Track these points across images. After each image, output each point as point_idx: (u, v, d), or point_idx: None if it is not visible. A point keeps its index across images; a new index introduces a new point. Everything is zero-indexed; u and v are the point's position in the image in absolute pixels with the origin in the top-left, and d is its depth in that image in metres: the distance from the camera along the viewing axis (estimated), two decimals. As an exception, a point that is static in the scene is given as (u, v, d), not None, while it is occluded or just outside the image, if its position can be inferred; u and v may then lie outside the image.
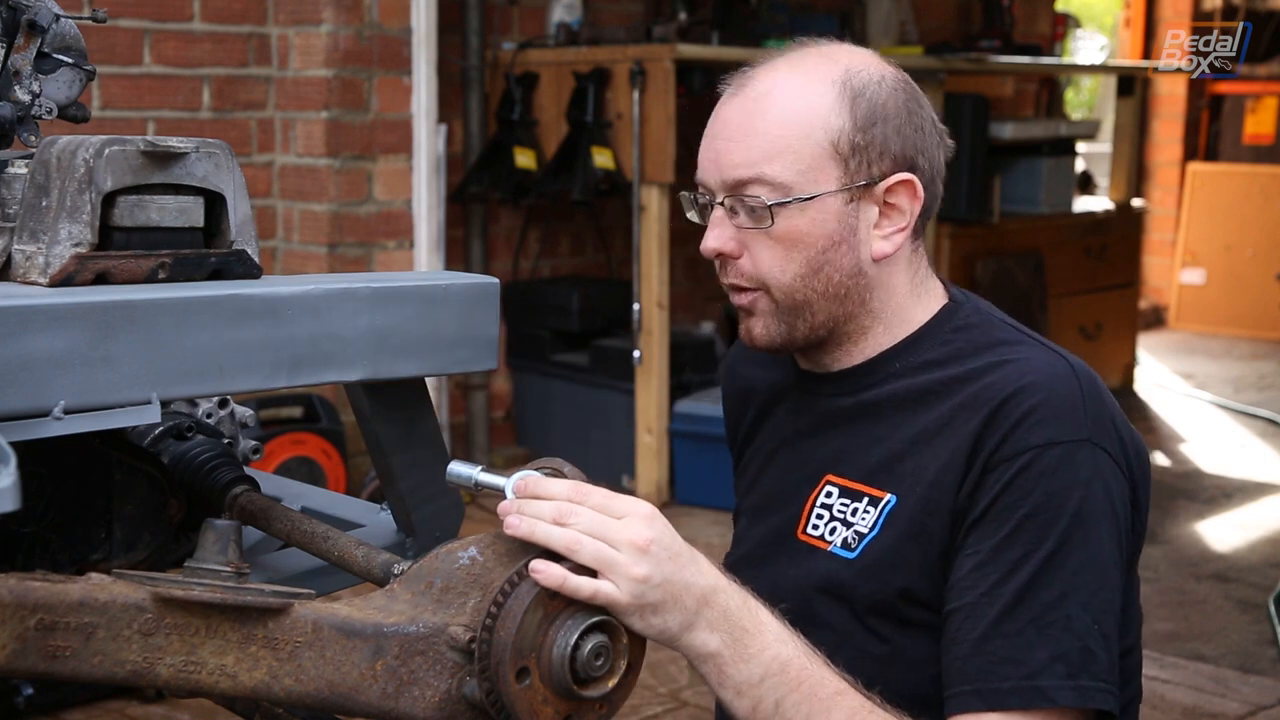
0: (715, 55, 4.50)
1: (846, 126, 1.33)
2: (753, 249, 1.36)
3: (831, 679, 1.20)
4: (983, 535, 1.26)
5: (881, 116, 1.34)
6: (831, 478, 1.39)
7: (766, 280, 1.36)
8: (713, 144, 1.38)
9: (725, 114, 1.37)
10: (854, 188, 1.34)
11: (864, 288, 1.37)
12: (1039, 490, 1.24)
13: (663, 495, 4.43)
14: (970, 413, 1.30)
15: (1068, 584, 1.23)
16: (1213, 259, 8.00)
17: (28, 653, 1.03)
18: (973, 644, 1.23)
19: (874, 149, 1.34)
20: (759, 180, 1.33)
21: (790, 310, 1.37)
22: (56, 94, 1.42)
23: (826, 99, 1.33)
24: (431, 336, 1.31)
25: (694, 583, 1.16)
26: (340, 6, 4.14)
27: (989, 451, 1.27)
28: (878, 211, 1.36)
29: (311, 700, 1.11)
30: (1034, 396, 1.28)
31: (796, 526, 1.41)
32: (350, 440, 4.11)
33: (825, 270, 1.35)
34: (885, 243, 1.36)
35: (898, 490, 1.33)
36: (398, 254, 4.36)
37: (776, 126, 1.33)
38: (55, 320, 1.08)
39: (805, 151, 1.33)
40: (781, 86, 1.35)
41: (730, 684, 1.18)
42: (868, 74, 1.35)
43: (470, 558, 1.16)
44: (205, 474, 1.45)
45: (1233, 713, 3.13)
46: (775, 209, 1.33)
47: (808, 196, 1.33)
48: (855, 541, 1.34)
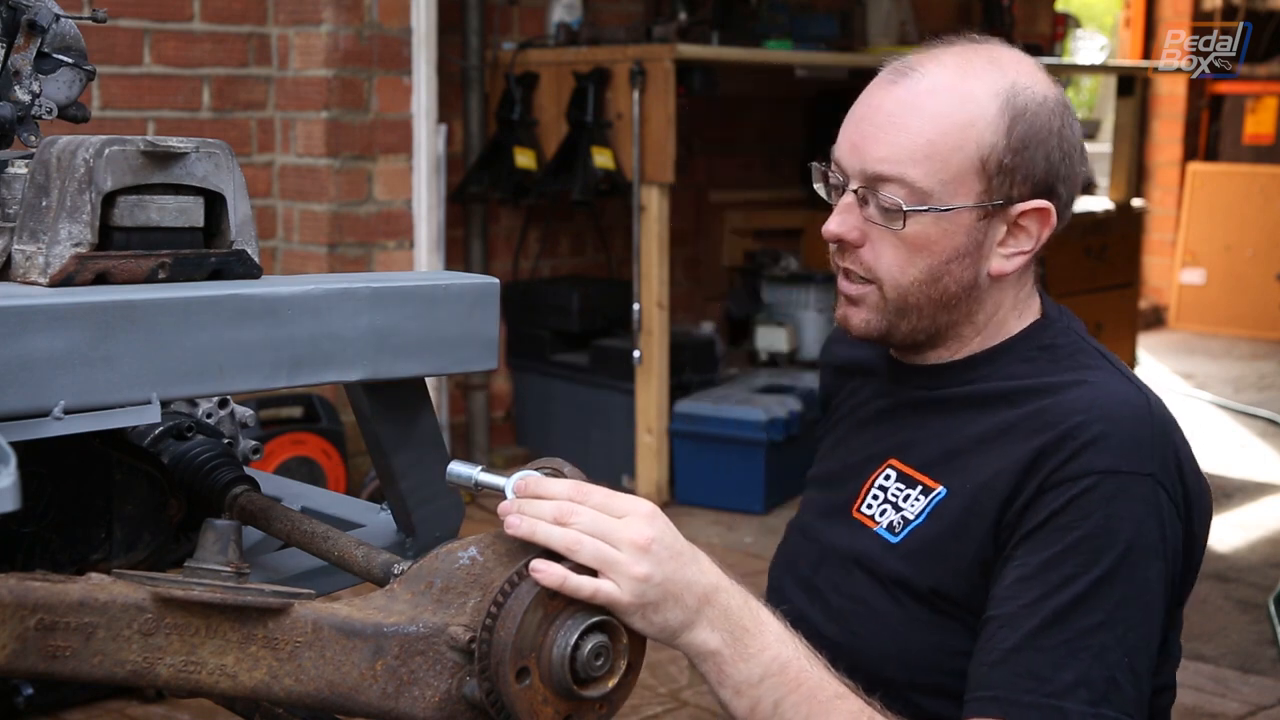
0: (715, 55, 4.50)
1: (1000, 145, 1.31)
2: (876, 243, 1.35)
3: (832, 682, 1.19)
4: (1032, 550, 1.25)
5: (1035, 141, 1.32)
6: (894, 462, 1.41)
7: (883, 278, 1.35)
8: (859, 127, 1.35)
9: (880, 100, 1.34)
10: (990, 206, 1.33)
11: (974, 300, 1.37)
12: (1096, 515, 1.23)
13: (663, 495, 4.42)
14: (1037, 427, 1.29)
15: (1108, 613, 1.22)
16: (1213, 259, 8.00)
17: (28, 653, 1.03)
18: (1003, 653, 1.23)
19: (1020, 172, 1.32)
20: (900, 180, 1.31)
21: (898, 311, 1.36)
22: (56, 94, 1.42)
23: (987, 113, 1.31)
24: (431, 336, 1.31)
25: (695, 581, 1.16)
26: (340, 6, 4.14)
27: (1050, 469, 1.26)
28: (1005, 230, 1.34)
29: (311, 700, 1.11)
30: (1104, 423, 1.26)
31: (854, 504, 1.42)
32: (350, 440, 4.11)
33: (944, 280, 1.34)
34: (1006, 262, 1.36)
35: (949, 484, 1.34)
36: (398, 254, 4.36)
37: (931, 130, 1.30)
38: (55, 320, 1.08)
39: (953, 162, 1.31)
40: (945, 88, 1.32)
41: (729, 683, 1.18)
42: (1031, 93, 1.32)
43: (470, 558, 1.16)
44: (205, 474, 1.45)
45: (1233, 713, 3.12)
46: (909, 214, 1.31)
47: (944, 208, 1.31)
48: (900, 526, 1.35)
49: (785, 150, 5.77)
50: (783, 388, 4.71)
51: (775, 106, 5.68)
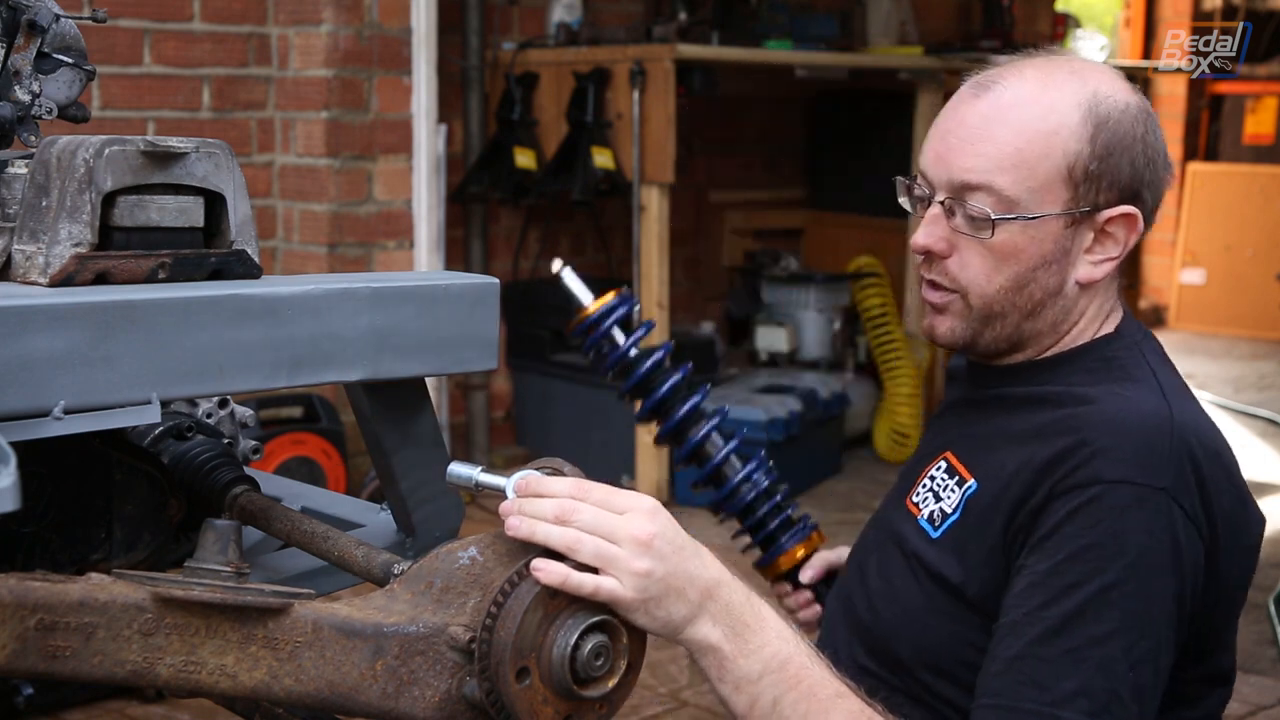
0: (715, 55, 4.50)
1: (1085, 153, 1.32)
2: (963, 253, 1.37)
3: (832, 681, 1.20)
4: (1041, 558, 1.26)
5: (1119, 147, 1.33)
6: (948, 454, 1.43)
7: (969, 287, 1.38)
8: (945, 139, 1.37)
9: (964, 113, 1.36)
10: (1078, 213, 1.34)
11: (1060, 309, 1.39)
12: (1104, 525, 1.23)
13: (663, 495, 4.42)
14: (1059, 431, 1.30)
15: (1113, 624, 1.22)
16: (1213, 259, 8.00)
17: (28, 653, 1.03)
18: (1006, 661, 1.23)
19: (1105, 179, 1.33)
20: (987, 189, 1.33)
21: (983, 319, 1.38)
22: (56, 94, 1.42)
23: (1071, 121, 1.32)
24: (431, 336, 1.31)
25: (698, 575, 1.16)
26: (340, 6, 4.14)
27: (1060, 476, 1.27)
28: (1092, 237, 1.36)
29: (311, 700, 1.11)
30: (1120, 434, 1.27)
31: (909, 493, 1.46)
32: (350, 440, 4.10)
33: (1030, 288, 1.36)
34: (1094, 269, 1.37)
35: (981, 478, 1.36)
36: (398, 254, 4.36)
37: (1017, 139, 1.32)
38: (55, 320, 1.08)
39: (1040, 170, 1.32)
40: (1029, 98, 1.33)
41: (729, 678, 1.18)
42: (1114, 101, 1.34)
43: (470, 558, 1.16)
44: (205, 474, 1.45)
45: (1233, 713, 3.12)
46: (998, 222, 1.33)
47: (1032, 216, 1.33)
48: (939, 519, 1.38)
49: (785, 150, 5.77)
50: (783, 388, 4.71)
51: (775, 106, 5.68)
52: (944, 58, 5.19)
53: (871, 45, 5.41)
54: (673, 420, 1.74)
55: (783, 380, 4.82)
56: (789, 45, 4.88)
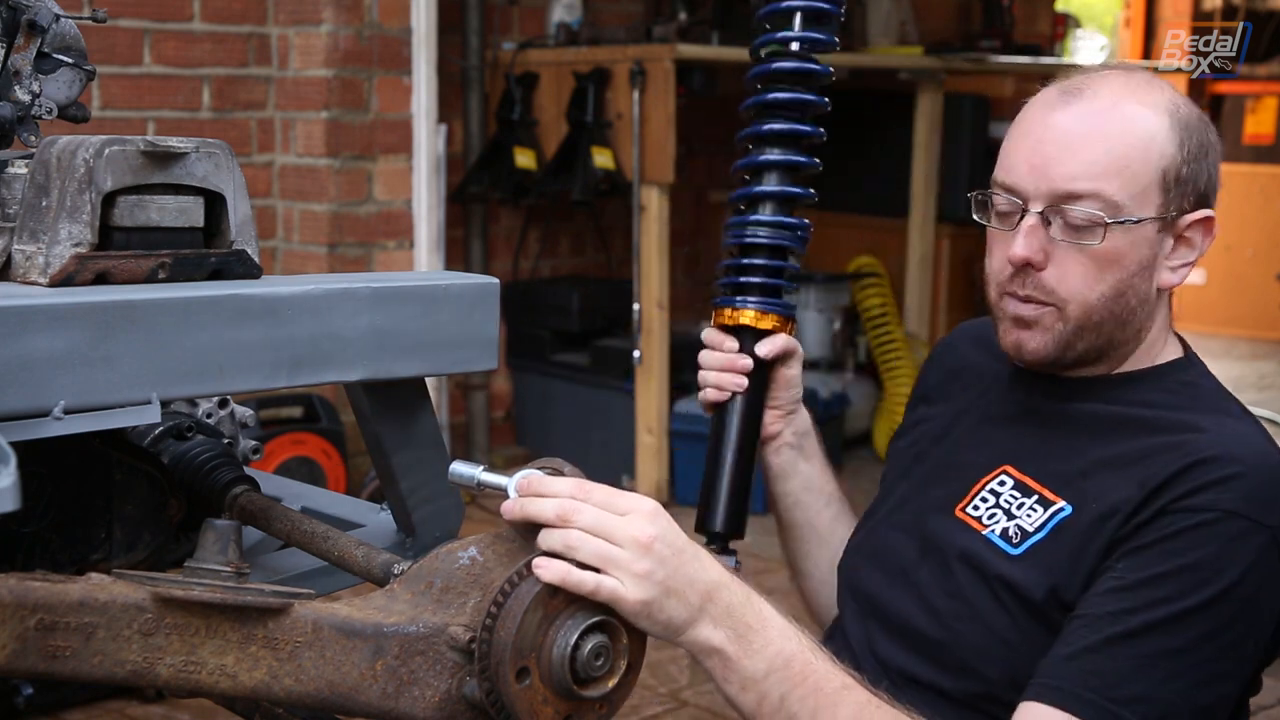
0: (715, 55, 4.49)
1: (1178, 157, 1.34)
2: (1061, 263, 1.35)
3: (837, 674, 1.20)
4: (1134, 565, 1.26)
5: (1202, 153, 1.36)
6: (1009, 469, 1.41)
7: (1069, 297, 1.36)
8: (1040, 149, 1.35)
9: (1060, 121, 1.35)
10: (1169, 217, 1.35)
11: (1146, 315, 1.39)
12: (1209, 549, 1.24)
13: (663, 495, 4.42)
14: (1172, 456, 1.29)
15: (1189, 645, 1.23)
16: (1213, 259, 7.99)
17: (28, 653, 1.03)
18: (1078, 650, 1.24)
19: (1191, 183, 1.35)
20: (1095, 196, 1.32)
21: (1079, 330, 1.37)
22: (56, 94, 1.42)
23: (1164, 126, 1.34)
24: (431, 336, 1.31)
25: (698, 578, 1.16)
26: (340, 6, 4.14)
27: (1177, 495, 1.26)
28: (1173, 243, 1.37)
29: (311, 700, 1.11)
30: (1241, 466, 1.27)
31: (959, 503, 1.42)
32: (350, 440, 4.11)
33: (1127, 294, 1.36)
34: (1173, 274, 1.38)
35: (1075, 503, 1.33)
36: (398, 254, 4.36)
37: (1122, 144, 1.33)
38: (55, 320, 1.08)
39: (1143, 174, 1.33)
40: (1126, 103, 1.34)
41: (735, 679, 1.18)
42: (1189, 109, 1.37)
43: (470, 558, 1.16)
44: (205, 474, 1.45)
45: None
46: (1109, 227, 1.32)
47: (1137, 220, 1.33)
48: (1018, 538, 1.35)
49: (785, 150, 5.76)
50: (783, 388, 4.70)
51: (775, 106, 5.68)
52: (944, 58, 5.19)
53: (871, 45, 5.41)
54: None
55: (783, 380, 4.81)
56: (789, 45, 4.87)
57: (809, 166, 1.58)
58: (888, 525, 1.51)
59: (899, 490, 1.54)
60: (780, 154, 1.57)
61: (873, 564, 1.50)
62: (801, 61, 1.56)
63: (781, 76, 1.56)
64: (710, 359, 1.58)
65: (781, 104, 1.56)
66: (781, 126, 1.56)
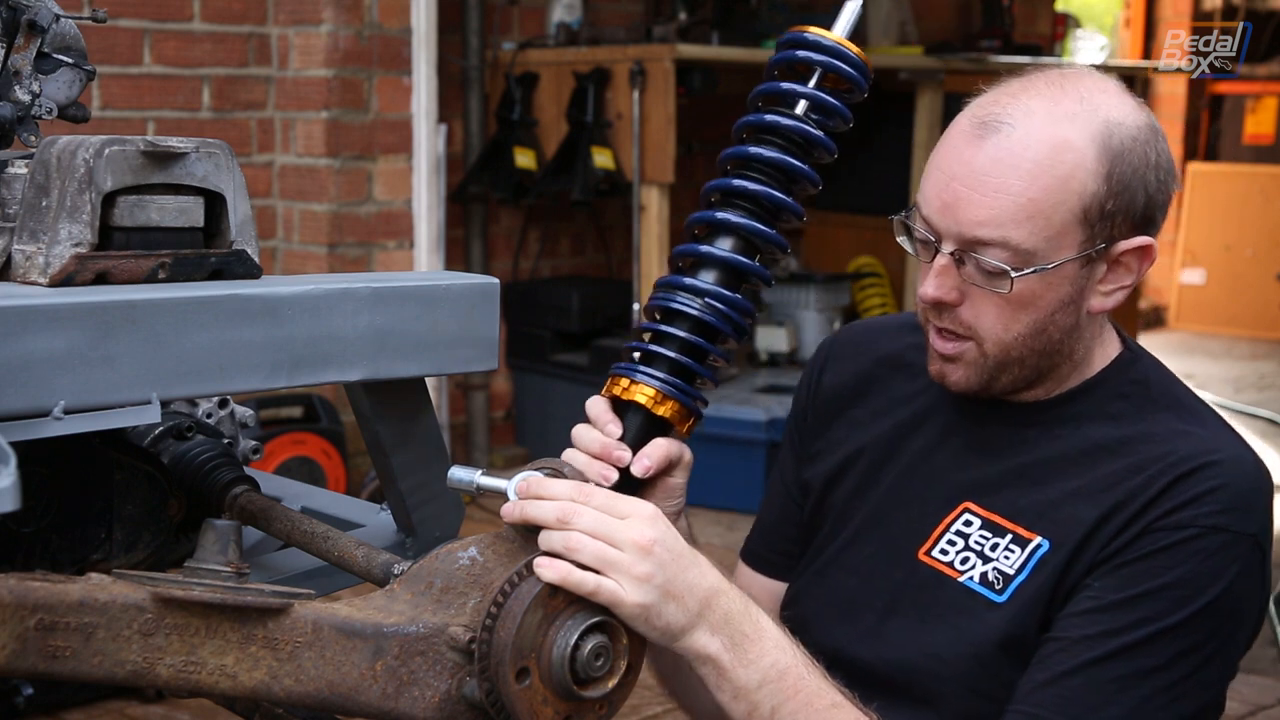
0: (715, 55, 4.49)
1: (1100, 192, 1.25)
2: (976, 302, 1.29)
3: (829, 691, 1.20)
4: (1113, 585, 1.23)
5: (1134, 179, 1.26)
6: (972, 506, 1.34)
7: (985, 336, 1.30)
8: (951, 187, 1.26)
9: (972, 158, 1.26)
10: (1093, 252, 1.27)
11: (1073, 339, 1.32)
12: (1189, 566, 1.22)
13: (663, 495, 4.42)
14: (1147, 475, 1.25)
15: (1169, 662, 1.21)
16: (1213, 259, 8.00)
17: (28, 653, 1.03)
18: (1055, 675, 1.22)
19: (1120, 214, 1.26)
20: (1002, 244, 1.24)
21: (999, 365, 1.31)
22: (56, 94, 1.42)
23: (1086, 160, 1.24)
24: (431, 336, 1.31)
25: (696, 584, 1.16)
26: (340, 6, 4.14)
27: (1158, 515, 1.23)
28: (1105, 269, 1.29)
29: (311, 700, 1.11)
30: (1219, 478, 1.24)
31: (920, 546, 1.35)
32: (350, 440, 4.10)
33: (1048, 331, 1.29)
34: (1106, 299, 1.31)
35: (1051, 536, 1.28)
36: (398, 254, 4.36)
37: (1031, 188, 1.23)
38: (55, 320, 1.08)
39: (1056, 218, 1.24)
40: (1037, 138, 1.24)
41: (728, 687, 1.18)
42: (1125, 128, 1.26)
43: (470, 558, 1.16)
44: (205, 474, 1.45)
45: (1233, 713, 3.12)
46: (1015, 277, 1.25)
47: (1050, 265, 1.25)
48: (1001, 583, 1.29)
49: (785, 150, 5.76)
50: (783, 388, 4.71)
51: (775, 106, 5.68)
52: (944, 58, 5.19)
53: (871, 45, 5.41)
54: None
55: (783, 380, 4.81)
56: (789, 45, 4.87)
57: (776, 244, 1.32)
58: (838, 569, 1.41)
59: (844, 531, 1.43)
60: (744, 217, 1.30)
61: (828, 614, 1.40)
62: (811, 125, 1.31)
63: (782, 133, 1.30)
64: (584, 439, 1.27)
65: (767, 162, 1.30)
66: (756, 187, 1.30)
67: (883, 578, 1.36)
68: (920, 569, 1.34)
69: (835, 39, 1.30)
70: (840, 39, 1.30)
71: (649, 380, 1.27)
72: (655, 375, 1.28)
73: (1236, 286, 7.91)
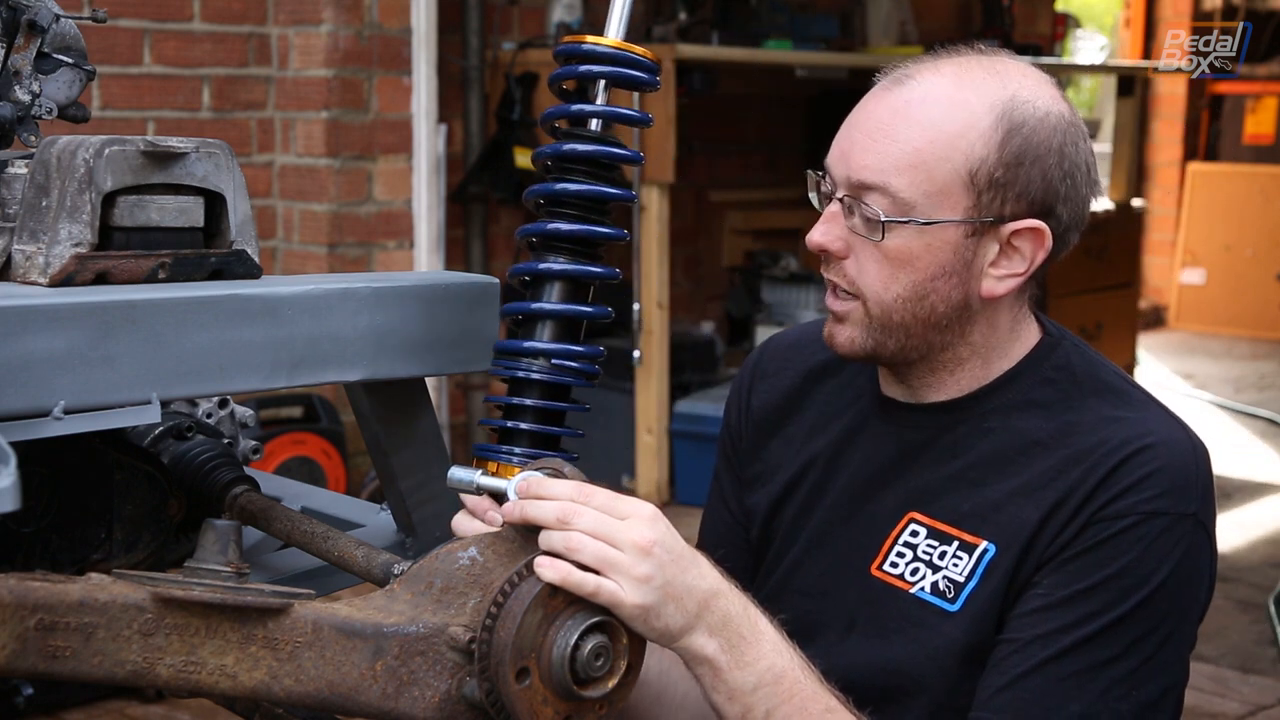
0: (715, 55, 4.50)
1: (991, 159, 1.24)
2: (860, 256, 1.29)
3: (824, 695, 1.19)
4: (1059, 582, 1.23)
5: (1032, 157, 1.25)
6: (917, 516, 1.33)
7: (866, 293, 1.29)
8: (849, 134, 1.29)
9: (871, 108, 1.28)
10: (979, 222, 1.26)
11: (966, 320, 1.31)
12: (1132, 554, 1.22)
13: (663, 495, 4.42)
14: (1084, 468, 1.25)
15: (1125, 650, 1.21)
16: (1213, 259, 8.00)
17: (28, 653, 1.03)
18: (1013, 678, 1.22)
19: (1013, 188, 1.25)
20: (882, 190, 1.25)
21: (883, 328, 1.30)
22: (56, 94, 1.42)
23: (980, 124, 1.25)
24: (431, 336, 1.31)
25: (695, 586, 1.16)
26: (340, 6, 4.14)
27: (1097, 507, 1.23)
28: (997, 249, 1.28)
29: (311, 700, 1.11)
30: (1153, 462, 1.24)
31: (872, 562, 1.34)
32: (350, 440, 4.10)
33: (930, 299, 1.28)
34: (998, 284, 1.29)
35: (997, 540, 1.27)
36: (398, 254, 4.36)
37: (918, 138, 1.25)
38: (55, 320, 1.08)
39: (939, 174, 1.25)
40: (937, 96, 1.26)
41: (723, 689, 1.17)
42: (1033, 107, 1.26)
43: (470, 558, 1.16)
44: (205, 474, 1.45)
45: (1233, 713, 3.12)
46: (889, 225, 1.26)
47: (926, 221, 1.25)
48: (952, 591, 1.28)
49: (785, 150, 5.76)
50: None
51: (775, 106, 5.68)
52: (944, 58, 5.19)
53: (871, 45, 5.41)
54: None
55: (783, 380, 4.81)
56: (789, 45, 4.88)
57: (606, 278, 1.28)
58: (791, 591, 1.40)
59: (792, 552, 1.42)
60: (568, 262, 1.25)
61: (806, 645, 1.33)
62: (602, 144, 1.31)
63: (579, 159, 1.29)
64: (466, 531, 1.23)
65: (575, 196, 1.26)
66: (574, 227, 1.25)
67: (837, 597, 1.36)
68: (873, 584, 1.33)
69: (613, 44, 1.30)
70: (618, 42, 1.30)
71: (512, 460, 1.24)
72: (515, 453, 1.25)
73: (1236, 286, 7.91)
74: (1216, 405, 6.20)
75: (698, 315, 5.39)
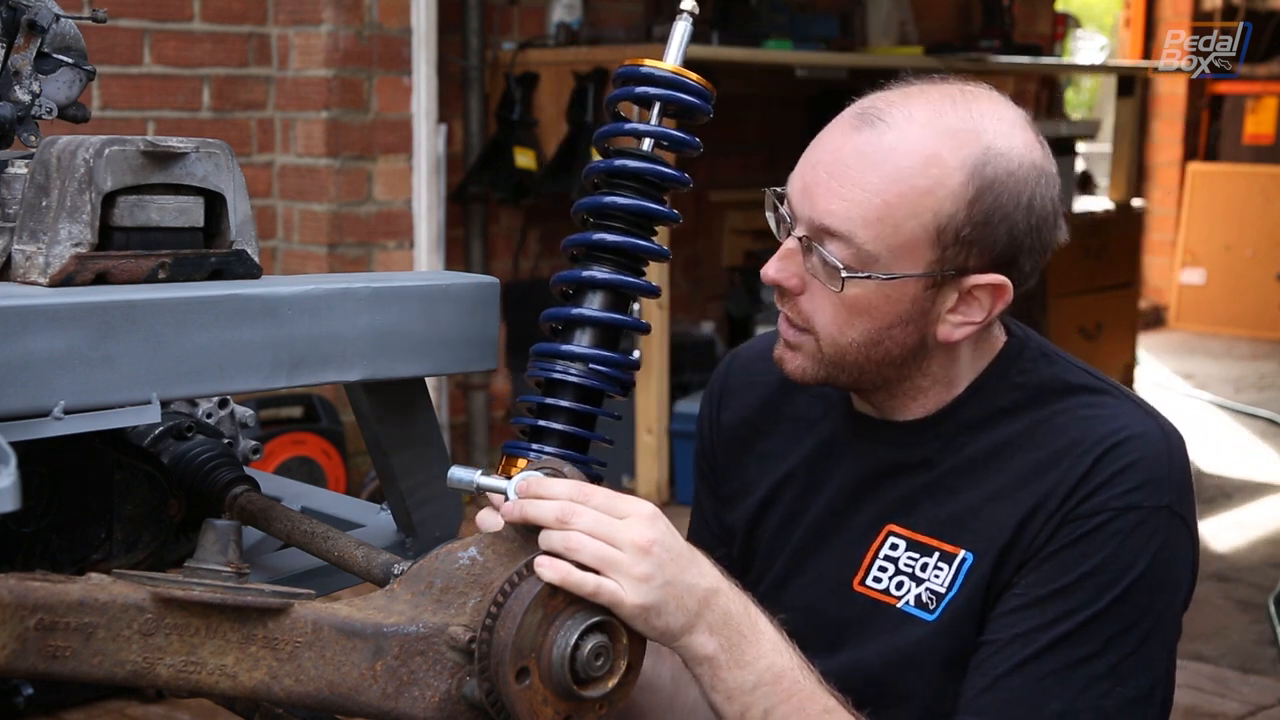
0: (715, 55, 4.49)
1: (960, 217, 1.22)
2: (815, 296, 1.27)
3: (822, 695, 1.19)
4: (1036, 581, 1.23)
5: (1001, 215, 1.23)
6: (895, 528, 1.33)
7: (820, 333, 1.27)
8: (813, 170, 1.25)
9: (837, 145, 1.24)
10: (939, 275, 1.24)
11: (922, 358, 1.30)
12: (1106, 550, 1.22)
13: (662, 495, 4.42)
14: (1060, 470, 1.25)
15: (1103, 647, 1.21)
16: (1213, 259, 8.00)
17: (28, 653, 1.03)
18: (993, 679, 1.22)
19: (978, 245, 1.23)
20: (846, 240, 1.22)
21: (836, 365, 1.29)
22: (56, 94, 1.42)
23: (952, 181, 1.21)
24: (431, 336, 1.31)
25: (695, 584, 1.16)
26: (340, 6, 4.14)
27: (1073, 505, 1.23)
28: (956, 297, 1.26)
29: (311, 700, 1.11)
30: (1126, 457, 1.23)
31: (854, 577, 1.34)
32: (350, 440, 4.11)
33: (885, 344, 1.27)
34: (954, 330, 1.27)
35: (974, 548, 1.27)
36: (398, 254, 4.36)
37: (887, 190, 1.21)
38: (55, 320, 1.08)
39: (905, 229, 1.22)
40: (911, 146, 1.21)
41: (722, 688, 1.17)
42: (1006, 161, 1.22)
43: (470, 558, 1.16)
44: (205, 474, 1.45)
45: (1233, 713, 3.12)
46: (848, 278, 1.23)
47: (887, 276, 1.23)
48: (933, 602, 1.28)
49: (785, 150, 5.72)
50: (783, 388, 4.71)
51: (775, 106, 5.68)
52: (944, 58, 5.19)
53: (871, 45, 5.41)
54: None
55: (783, 380, 4.81)
56: (789, 45, 4.88)
57: (645, 292, 1.31)
58: (777, 607, 1.32)
59: (774, 569, 1.41)
60: (611, 272, 1.30)
61: None
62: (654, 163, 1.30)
63: (630, 176, 1.30)
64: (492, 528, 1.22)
65: (624, 211, 1.30)
66: (619, 239, 1.29)
67: (823, 613, 1.35)
68: (857, 599, 1.33)
69: (671, 69, 1.28)
70: (676, 68, 1.29)
71: (542, 457, 1.24)
72: (546, 451, 1.25)
73: (1236, 286, 7.91)
74: (1216, 405, 6.20)
75: (697, 315, 5.39)
